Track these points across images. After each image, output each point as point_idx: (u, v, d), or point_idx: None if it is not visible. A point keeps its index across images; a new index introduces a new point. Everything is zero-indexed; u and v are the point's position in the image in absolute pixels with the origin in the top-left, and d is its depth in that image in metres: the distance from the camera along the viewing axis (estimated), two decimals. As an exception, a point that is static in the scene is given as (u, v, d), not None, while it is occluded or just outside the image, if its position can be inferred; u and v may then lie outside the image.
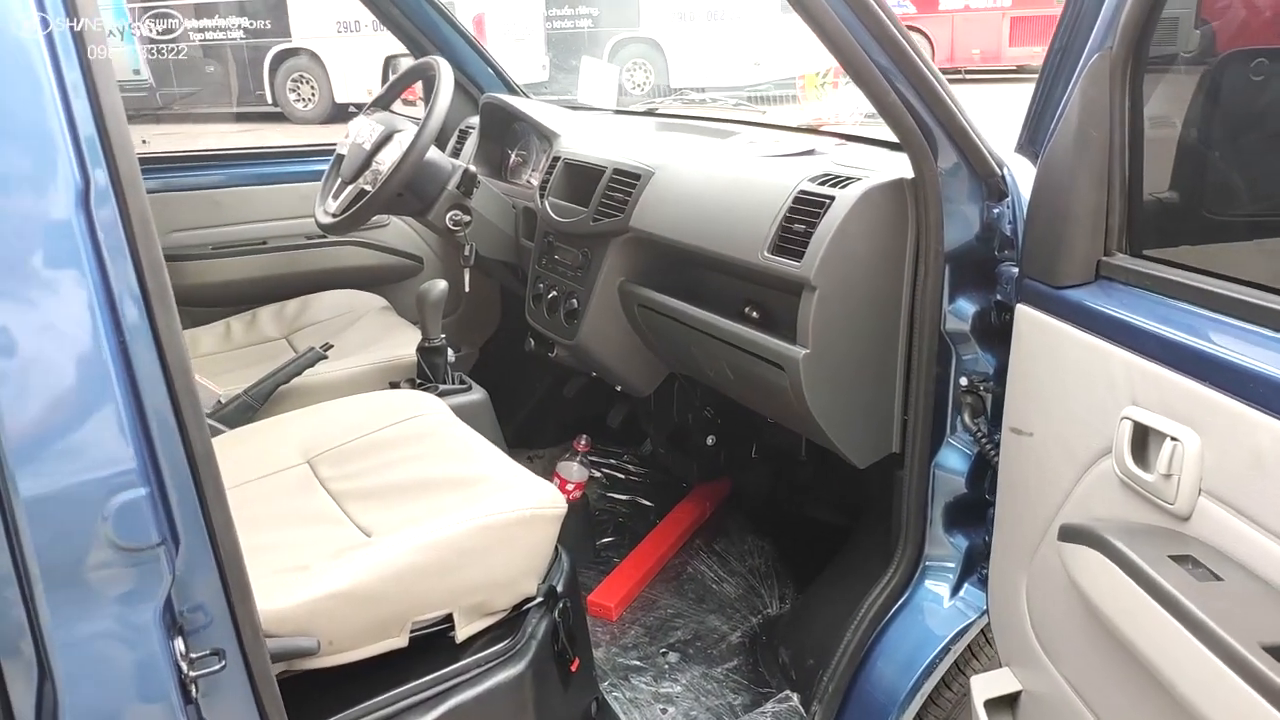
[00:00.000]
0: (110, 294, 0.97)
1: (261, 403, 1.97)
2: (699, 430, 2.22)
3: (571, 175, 2.15)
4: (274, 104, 12.16)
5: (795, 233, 1.57)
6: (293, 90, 12.28)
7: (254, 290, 2.63)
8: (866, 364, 1.61)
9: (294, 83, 12.31)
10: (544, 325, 2.21)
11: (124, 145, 0.96)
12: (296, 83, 12.27)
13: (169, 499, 1.04)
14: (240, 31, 12.30)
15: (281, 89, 12.28)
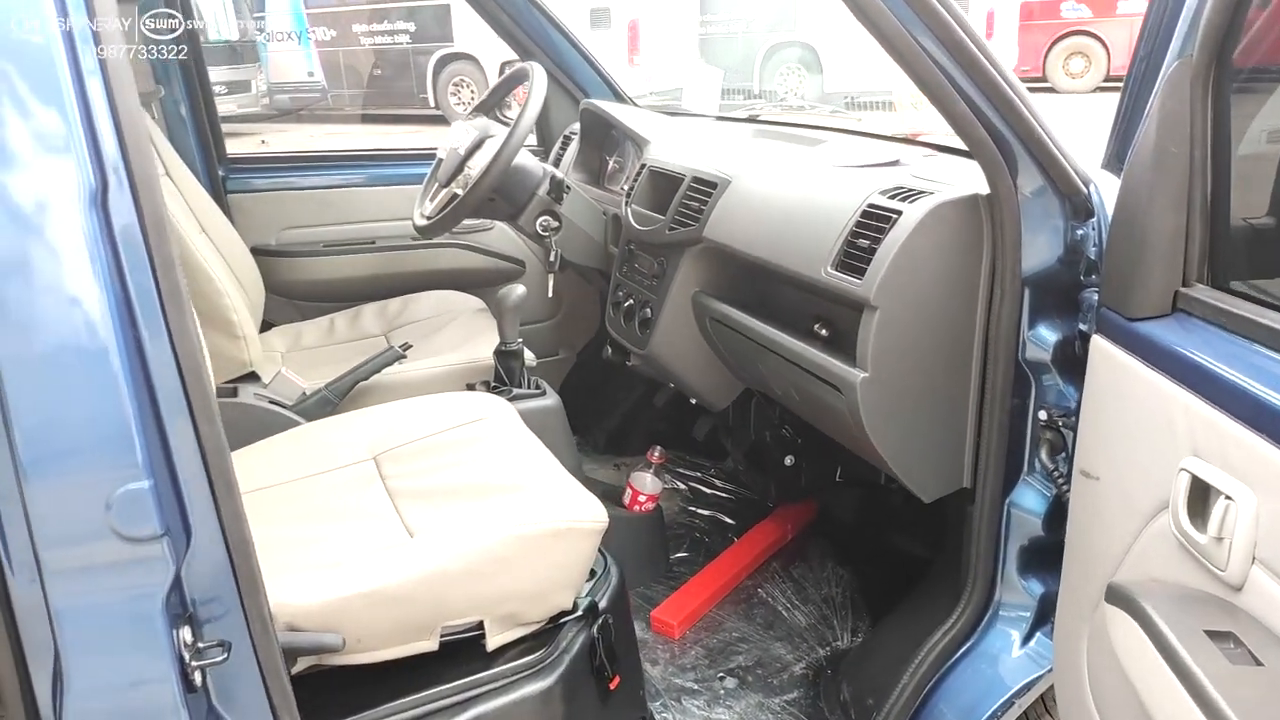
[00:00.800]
0: (124, 292, 1.00)
1: (340, 398, 2.02)
2: (777, 449, 2.14)
3: (655, 183, 2.11)
4: (435, 106, 12.60)
5: (860, 248, 1.49)
6: (453, 93, 12.69)
7: (361, 288, 2.71)
8: (933, 392, 1.51)
9: (455, 86, 12.72)
10: (620, 333, 2.18)
11: (139, 145, 0.98)
12: (457, 86, 12.68)
13: (181, 492, 1.07)
14: (406, 36, 12.79)
15: (443, 92, 12.71)
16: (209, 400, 1.06)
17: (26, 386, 0.96)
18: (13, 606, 1.01)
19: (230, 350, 2.02)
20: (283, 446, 1.83)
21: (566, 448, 2.08)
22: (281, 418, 1.96)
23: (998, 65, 1.28)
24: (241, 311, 2.02)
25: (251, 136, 11.80)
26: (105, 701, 1.05)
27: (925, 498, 1.57)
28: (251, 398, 1.97)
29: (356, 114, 12.83)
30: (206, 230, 2.31)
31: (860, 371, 1.48)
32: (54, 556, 1.00)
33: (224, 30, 12.40)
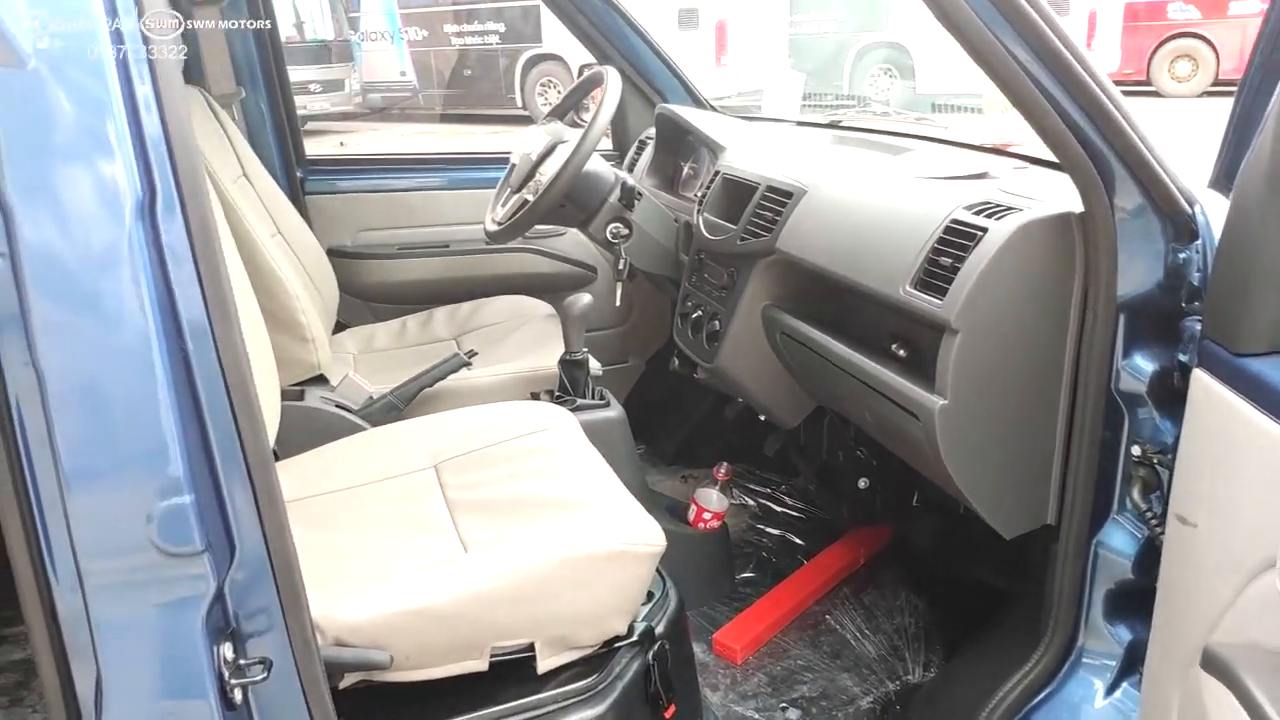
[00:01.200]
0: (171, 303, 0.98)
1: (405, 404, 2.01)
2: (851, 471, 2.06)
3: (728, 190, 2.05)
4: (523, 107, 12.71)
5: (942, 267, 1.40)
6: (541, 94, 12.78)
7: (434, 291, 2.71)
8: (1017, 422, 1.41)
9: (542, 87, 12.81)
10: (687, 345, 2.13)
11: (187, 153, 0.96)
12: (545, 87, 12.76)
13: (225, 507, 1.05)
14: (496, 36, 12.91)
15: (530, 92, 12.80)
16: (254, 413, 1.03)
17: (69, 398, 0.95)
18: (57, 616, 1.01)
19: (299, 353, 2.02)
20: (346, 451, 1.82)
21: (629, 460, 2.03)
22: (347, 422, 1.95)
23: (1094, 73, 1.18)
24: (311, 314, 2.02)
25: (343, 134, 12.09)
26: (143, 717, 1.03)
27: (1006, 534, 1.48)
28: (318, 401, 1.97)
29: (445, 113, 12.98)
30: (282, 231, 2.33)
31: (939, 398, 1.39)
32: (95, 568, 0.99)
33: (319, 30, 12.75)
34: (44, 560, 0.98)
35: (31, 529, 0.98)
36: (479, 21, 12.92)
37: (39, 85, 0.91)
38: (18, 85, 0.90)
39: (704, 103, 2.77)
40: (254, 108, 2.58)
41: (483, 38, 12.92)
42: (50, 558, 0.99)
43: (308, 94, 12.05)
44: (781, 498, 2.54)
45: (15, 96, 0.90)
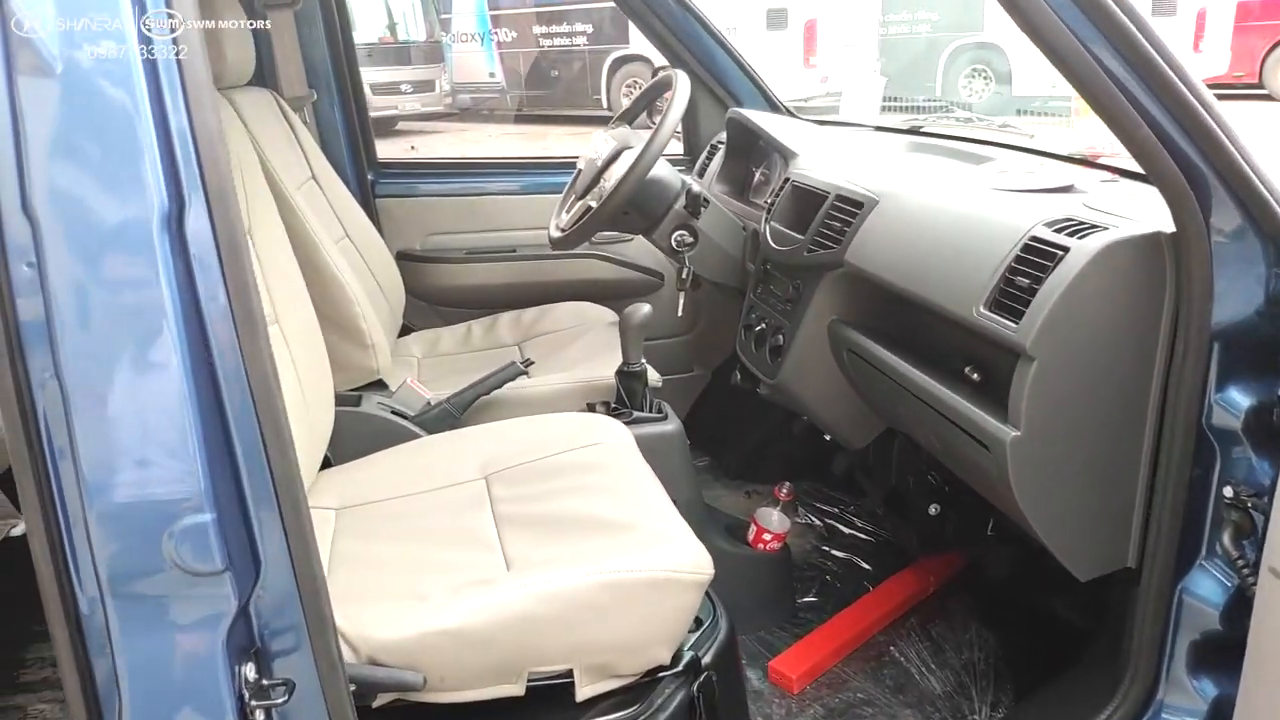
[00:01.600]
0: (198, 316, 0.96)
1: (461, 411, 1.98)
2: (921, 496, 1.95)
3: (797, 199, 1.97)
4: (608, 108, 12.73)
5: (1018, 287, 1.30)
6: (627, 95, 12.77)
7: (500, 295, 2.69)
8: (1097, 457, 1.31)
9: (628, 87, 12.79)
10: (750, 359, 2.05)
11: (214, 163, 0.93)
12: (630, 88, 12.74)
13: (251, 525, 1.03)
14: (584, 37, 12.95)
15: (616, 93, 12.82)
16: (281, 431, 1.00)
17: (92, 410, 0.93)
18: (81, 626, 0.99)
19: (359, 358, 2.01)
20: (399, 459, 1.80)
21: (685, 476, 1.96)
22: (402, 429, 1.94)
23: (1189, 79, 1.08)
24: (371, 320, 2.00)
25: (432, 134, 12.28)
26: (160, 733, 1.01)
27: (1081, 576, 1.38)
28: (374, 407, 1.95)
29: (531, 114, 13.08)
30: (350, 235, 2.33)
31: (1011, 429, 1.30)
32: (116, 582, 0.97)
33: (412, 31, 12.97)
34: (69, 570, 0.97)
35: (57, 539, 0.97)
36: (567, 23, 12.97)
37: (66, 93, 0.89)
38: (45, 93, 0.89)
39: (780, 107, 2.69)
40: (326, 110, 2.59)
41: (570, 39, 12.96)
42: (75, 568, 0.97)
43: (399, 94, 12.27)
44: (850, 519, 2.44)
45: (42, 105, 0.88)
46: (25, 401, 0.93)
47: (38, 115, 0.88)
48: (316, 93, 2.54)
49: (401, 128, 12.57)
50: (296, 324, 1.67)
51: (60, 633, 0.98)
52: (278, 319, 1.60)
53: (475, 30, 13.53)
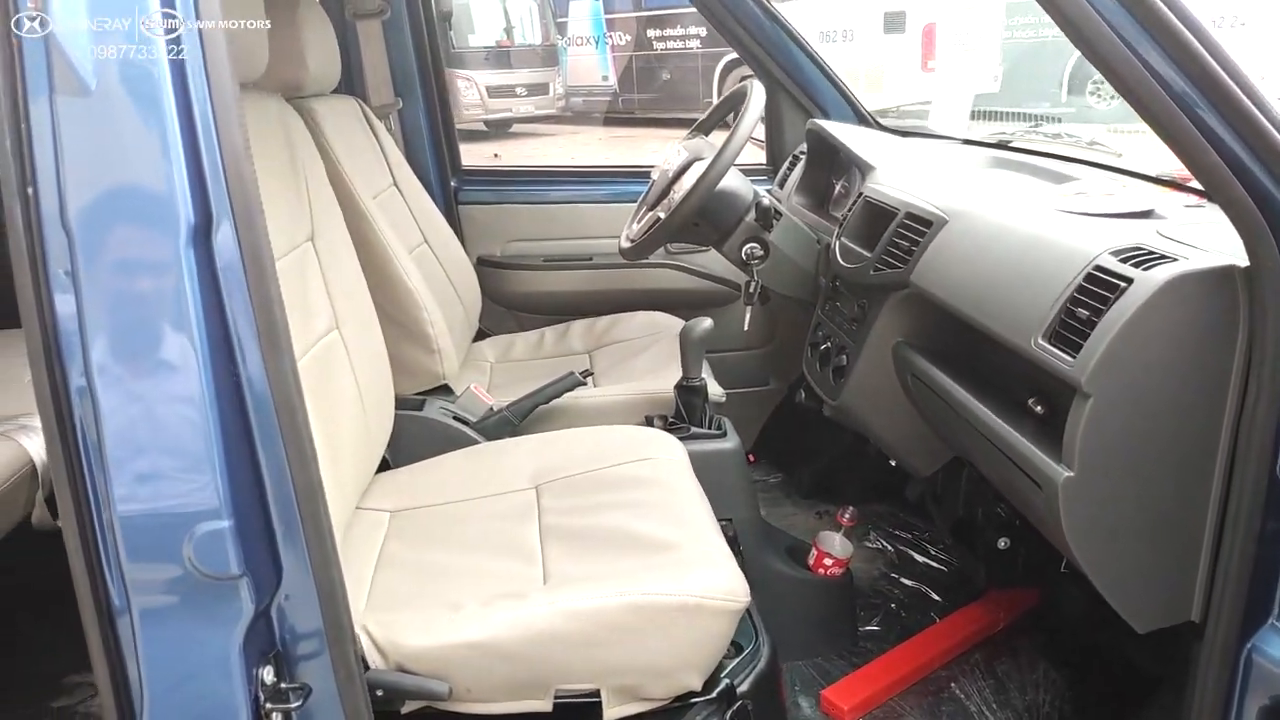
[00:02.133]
0: (224, 330, 0.98)
1: (520, 419, 1.99)
2: (990, 528, 1.87)
3: (869, 215, 1.91)
4: (718, 112, 12.62)
5: (1078, 319, 1.23)
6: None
7: (576, 303, 2.70)
8: (1158, 503, 1.23)
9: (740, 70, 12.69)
10: (815, 378, 2.00)
11: (240, 179, 0.95)
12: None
13: (274, 532, 1.05)
14: (697, 41, 12.92)
15: (727, 96, 12.70)
16: (303, 444, 1.02)
17: (119, 419, 0.96)
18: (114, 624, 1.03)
19: (425, 363, 2.04)
20: (456, 465, 1.83)
21: (743, 495, 1.93)
22: (462, 434, 1.96)
23: (1260, 99, 1.00)
24: (439, 325, 2.03)
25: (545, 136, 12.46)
26: (178, 731, 1.04)
27: (1138, 627, 1.29)
28: (436, 412, 1.98)
29: (643, 117, 13.12)
30: (429, 241, 2.37)
31: (1065, 469, 1.23)
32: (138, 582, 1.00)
33: (528, 34, 13.19)
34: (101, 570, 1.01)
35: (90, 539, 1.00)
36: (681, 26, 12.96)
37: (100, 111, 0.92)
38: (80, 112, 0.92)
39: (867, 118, 2.62)
40: (412, 117, 2.64)
41: (684, 42, 12.95)
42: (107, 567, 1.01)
43: (514, 97, 12.49)
44: (924, 546, 2.36)
45: (78, 123, 0.92)
46: (62, 406, 0.97)
47: (73, 133, 0.92)
48: (403, 100, 2.60)
49: (516, 130, 12.80)
50: (358, 330, 1.70)
51: (93, 630, 1.02)
52: (338, 325, 1.64)
53: (590, 33, 13.66)
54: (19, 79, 0.91)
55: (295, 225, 1.55)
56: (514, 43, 13.04)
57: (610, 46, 13.47)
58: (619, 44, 13.27)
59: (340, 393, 1.60)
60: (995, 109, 8.20)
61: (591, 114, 13.67)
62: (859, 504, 2.53)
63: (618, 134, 12.68)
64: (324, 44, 1.96)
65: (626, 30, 13.24)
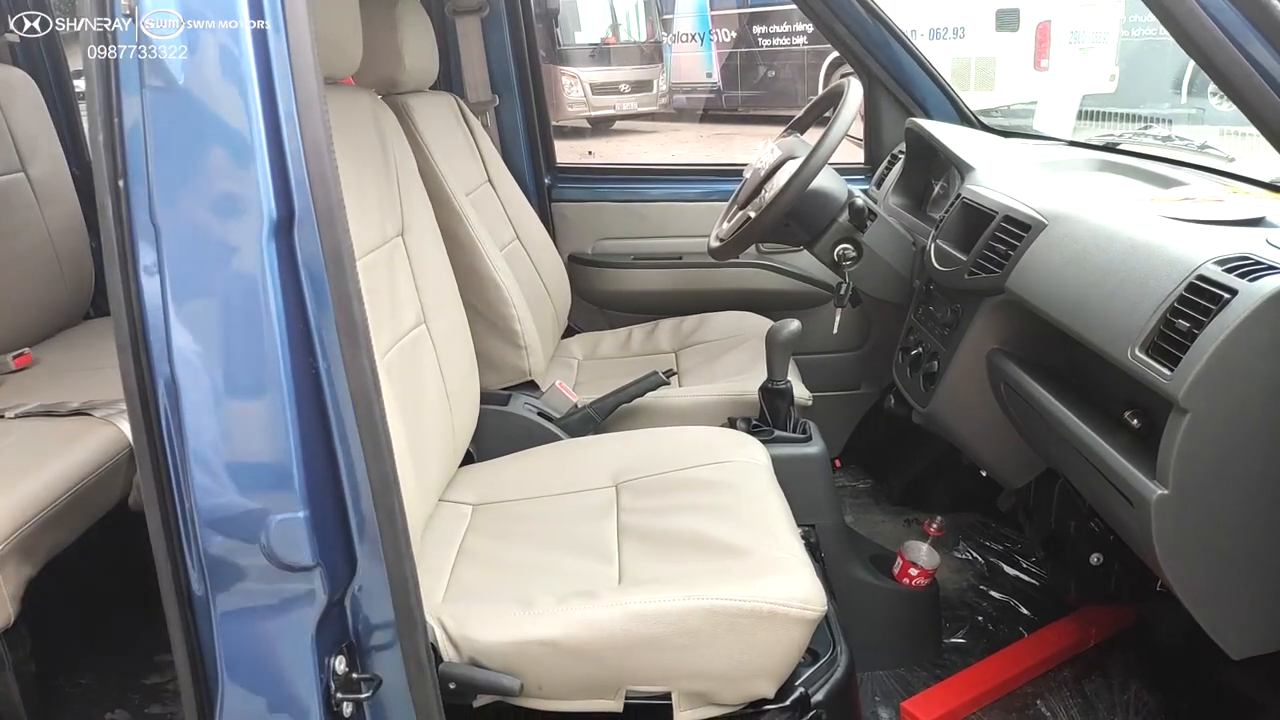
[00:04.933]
0: (305, 324, 1.01)
1: (603, 417, 2.00)
2: (1083, 543, 1.79)
3: (967, 217, 1.85)
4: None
5: (1178, 331, 1.17)
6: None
7: (664, 302, 2.71)
8: (1257, 525, 1.16)
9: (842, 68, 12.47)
10: (904, 383, 1.95)
11: (323, 175, 0.97)
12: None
13: (350, 524, 1.08)
14: (803, 38, 12.75)
15: (832, 94, 12.50)
16: (379, 437, 1.04)
17: (200, 409, 1.00)
18: (193, 608, 1.07)
19: (512, 359, 2.07)
20: (539, 460, 1.85)
21: (827, 501, 1.89)
22: (545, 430, 1.98)
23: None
24: (526, 322, 2.06)
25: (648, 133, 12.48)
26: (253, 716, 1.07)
27: (1233, 654, 1.22)
28: (521, 408, 2.01)
29: (747, 114, 13.01)
30: (520, 238, 2.40)
31: (1158, 486, 1.17)
32: (216, 569, 1.04)
33: (633, 31, 13.23)
34: (182, 554, 1.05)
35: (173, 523, 1.05)
36: (787, 23, 12.81)
37: (186, 106, 0.96)
38: (168, 106, 0.96)
39: (970, 118, 2.55)
40: (509, 115, 2.68)
41: (789, 39, 12.79)
42: (188, 552, 1.05)
43: (618, 94, 12.54)
44: (1015, 558, 2.29)
45: (164, 117, 0.96)
46: (148, 396, 1.01)
47: (160, 127, 0.96)
48: (500, 97, 2.64)
49: (619, 127, 12.86)
50: (445, 325, 1.73)
51: (173, 613, 1.06)
52: (426, 320, 1.67)
53: (696, 30, 13.62)
54: (113, 72, 0.95)
55: (386, 220, 1.59)
56: (619, 40, 13.09)
57: (715, 43, 13.39)
58: (724, 41, 13.19)
59: (426, 386, 1.64)
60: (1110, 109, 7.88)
61: (694, 111, 13.63)
62: (950, 513, 2.48)
63: (720, 131, 12.61)
64: (421, 41, 2.00)
65: (731, 27, 13.14)
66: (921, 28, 10.76)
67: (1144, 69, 10.43)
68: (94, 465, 1.75)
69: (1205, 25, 0.95)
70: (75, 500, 1.70)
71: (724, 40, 13.26)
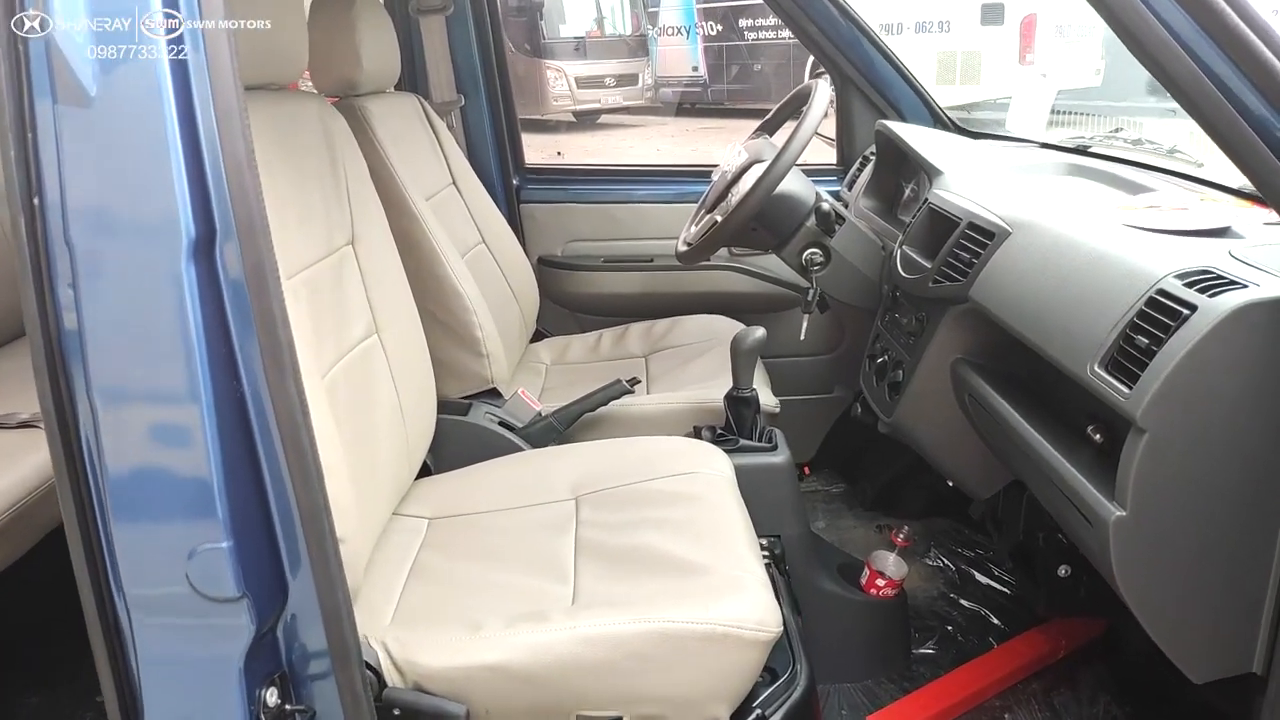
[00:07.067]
0: (227, 345, 0.97)
1: (566, 426, 1.96)
2: (1051, 555, 1.76)
3: (933, 223, 1.82)
4: (809, 103, 12.39)
5: (1136, 347, 1.14)
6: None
7: (636, 305, 2.67)
8: (1218, 548, 1.13)
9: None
10: (870, 392, 1.93)
11: (244, 192, 0.93)
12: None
13: (280, 552, 1.04)
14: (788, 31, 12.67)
15: (821, 89, 12.46)
16: (308, 463, 1.00)
17: (119, 434, 0.96)
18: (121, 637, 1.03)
19: (474, 366, 2.03)
20: (497, 472, 1.81)
21: (793, 511, 1.86)
22: (506, 441, 1.94)
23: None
24: (488, 329, 2.01)
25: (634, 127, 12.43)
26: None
27: (1194, 677, 1.20)
28: (482, 417, 1.96)
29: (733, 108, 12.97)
30: (486, 240, 2.36)
31: (1116, 508, 1.14)
32: (138, 600, 1.00)
33: (619, 25, 13.17)
34: (107, 583, 1.01)
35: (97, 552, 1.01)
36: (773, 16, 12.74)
37: (101, 119, 0.91)
38: (81, 120, 0.91)
39: (944, 119, 2.51)
40: (475, 115, 2.63)
41: (775, 32, 12.75)
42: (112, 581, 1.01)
43: (603, 88, 12.48)
44: (987, 566, 2.26)
45: (79, 132, 0.91)
46: (66, 421, 0.97)
47: (75, 141, 0.91)
48: (466, 97, 2.59)
49: (604, 121, 12.81)
50: (400, 335, 1.69)
51: (98, 646, 1.02)
52: (378, 331, 1.63)
53: (681, 23, 13.56)
54: (24, 84, 0.91)
55: (334, 230, 1.55)
56: (604, 33, 13.02)
57: (701, 36, 13.34)
58: (709, 34, 13.14)
59: (378, 399, 1.60)
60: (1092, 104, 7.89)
61: (680, 105, 13.59)
62: (922, 519, 2.46)
63: (706, 125, 12.57)
64: (381, 42, 1.96)
65: (716, 20, 13.10)
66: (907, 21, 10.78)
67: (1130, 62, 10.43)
68: (40, 480, 1.71)
69: (1155, 31, 0.91)
70: (20, 515, 1.65)
71: (709, 34, 13.22)
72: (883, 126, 2.25)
